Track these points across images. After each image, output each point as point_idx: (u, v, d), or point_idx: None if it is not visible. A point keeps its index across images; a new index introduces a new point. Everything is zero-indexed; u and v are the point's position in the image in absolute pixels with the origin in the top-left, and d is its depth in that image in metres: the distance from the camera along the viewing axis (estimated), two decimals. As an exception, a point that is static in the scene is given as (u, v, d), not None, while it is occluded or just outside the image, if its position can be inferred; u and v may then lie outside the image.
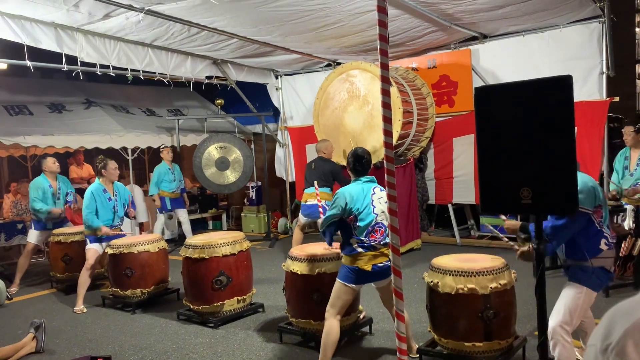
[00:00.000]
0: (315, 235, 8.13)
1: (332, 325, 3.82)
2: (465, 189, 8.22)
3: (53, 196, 6.77)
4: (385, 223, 3.81)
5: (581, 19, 7.25)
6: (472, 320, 3.61)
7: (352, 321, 4.45)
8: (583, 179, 3.12)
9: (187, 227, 8.81)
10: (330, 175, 6.79)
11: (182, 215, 8.88)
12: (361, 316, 4.64)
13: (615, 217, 5.85)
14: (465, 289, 3.58)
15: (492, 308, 3.58)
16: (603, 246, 3.15)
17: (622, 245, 5.40)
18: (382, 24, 2.70)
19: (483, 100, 2.66)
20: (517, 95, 2.57)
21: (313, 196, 6.64)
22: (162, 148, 8.85)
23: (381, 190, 3.88)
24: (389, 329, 4.65)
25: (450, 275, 3.67)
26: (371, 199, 3.79)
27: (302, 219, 7.11)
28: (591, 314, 3.60)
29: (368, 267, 3.75)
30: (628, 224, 5.58)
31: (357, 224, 3.76)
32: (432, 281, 3.78)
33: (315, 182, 6.05)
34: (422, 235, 8.36)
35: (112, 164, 6.10)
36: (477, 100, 2.66)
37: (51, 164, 6.84)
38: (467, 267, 3.66)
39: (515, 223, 3.39)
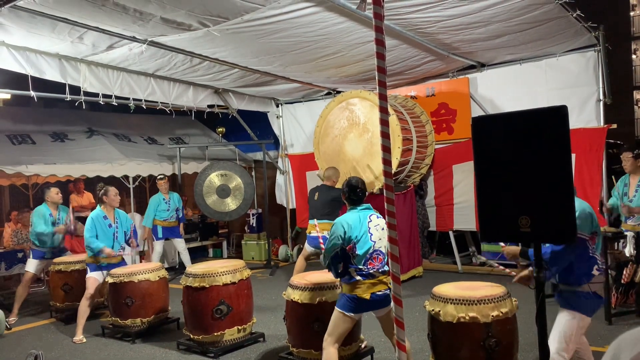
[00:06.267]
0: (318, 262, 8.09)
1: (330, 354, 3.79)
2: (465, 215, 8.23)
3: (53, 225, 6.79)
4: (384, 250, 3.82)
5: (577, 48, 7.37)
6: (474, 349, 3.58)
7: (354, 351, 4.41)
8: (581, 205, 3.17)
9: (185, 257, 8.77)
10: (334, 203, 6.62)
11: (180, 244, 8.87)
12: (362, 346, 4.59)
13: (616, 243, 5.84)
14: (467, 317, 3.56)
15: (494, 337, 3.55)
16: (595, 272, 3.20)
17: (624, 272, 5.39)
18: (380, 56, 2.76)
19: (480, 130, 2.70)
20: (514, 125, 2.61)
21: (315, 227, 6.62)
22: (159, 179, 8.88)
23: (378, 217, 3.90)
24: (390, 358, 4.60)
25: (451, 303, 3.65)
26: (368, 227, 3.81)
27: (308, 248, 7.02)
28: (586, 340, 3.59)
29: (366, 296, 3.74)
30: (629, 250, 5.56)
31: (356, 252, 3.76)
32: (433, 310, 3.76)
33: (315, 220, 6.10)
34: (423, 262, 8.33)
35: (113, 191, 6.14)
36: (475, 130, 2.70)
37: (54, 194, 6.87)
38: (468, 296, 3.65)
39: (514, 249, 3.40)
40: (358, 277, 3.76)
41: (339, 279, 3.98)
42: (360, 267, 3.76)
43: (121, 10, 5.07)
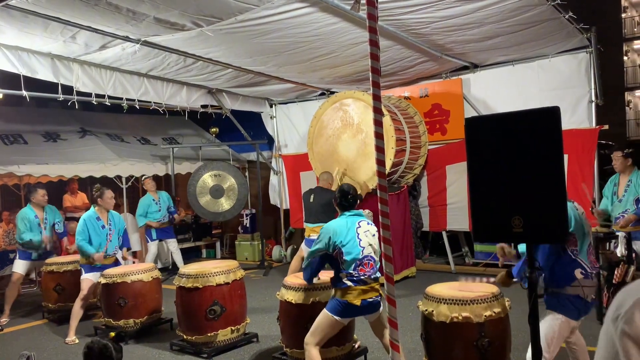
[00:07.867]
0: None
1: (312, 356, 3.78)
2: (459, 216, 8.26)
3: (38, 226, 6.75)
4: (375, 256, 3.83)
5: (569, 49, 7.41)
6: (467, 349, 3.60)
7: (347, 351, 4.42)
8: None
9: (177, 258, 8.75)
10: (330, 204, 6.64)
11: (172, 244, 8.84)
12: (356, 346, 4.60)
13: (608, 244, 5.87)
14: (460, 317, 3.57)
15: (487, 337, 3.57)
16: (578, 275, 3.19)
17: (615, 272, 5.42)
18: (374, 57, 2.76)
19: (473, 130, 2.71)
20: (507, 126, 2.63)
21: (314, 230, 6.60)
22: (144, 179, 8.82)
23: (368, 223, 3.92)
24: (384, 358, 4.61)
25: (444, 303, 3.67)
26: (356, 232, 3.82)
27: (304, 250, 7.01)
28: (583, 342, 3.60)
29: (357, 302, 3.75)
30: (620, 251, 5.60)
31: (344, 257, 3.78)
32: (426, 310, 3.77)
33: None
34: (416, 262, 8.35)
35: (109, 193, 6.12)
36: (468, 131, 2.71)
37: (40, 197, 6.83)
38: (461, 296, 3.67)
39: (502, 275, 3.48)
40: (349, 283, 3.77)
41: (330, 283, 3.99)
42: (351, 272, 3.77)
43: (114, 10, 5.04)
